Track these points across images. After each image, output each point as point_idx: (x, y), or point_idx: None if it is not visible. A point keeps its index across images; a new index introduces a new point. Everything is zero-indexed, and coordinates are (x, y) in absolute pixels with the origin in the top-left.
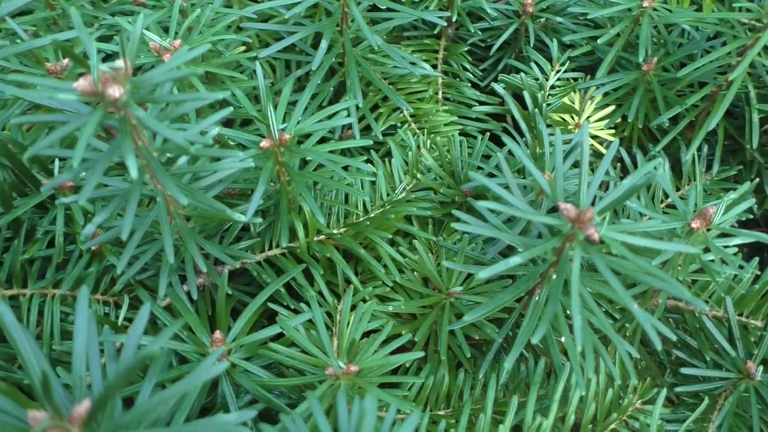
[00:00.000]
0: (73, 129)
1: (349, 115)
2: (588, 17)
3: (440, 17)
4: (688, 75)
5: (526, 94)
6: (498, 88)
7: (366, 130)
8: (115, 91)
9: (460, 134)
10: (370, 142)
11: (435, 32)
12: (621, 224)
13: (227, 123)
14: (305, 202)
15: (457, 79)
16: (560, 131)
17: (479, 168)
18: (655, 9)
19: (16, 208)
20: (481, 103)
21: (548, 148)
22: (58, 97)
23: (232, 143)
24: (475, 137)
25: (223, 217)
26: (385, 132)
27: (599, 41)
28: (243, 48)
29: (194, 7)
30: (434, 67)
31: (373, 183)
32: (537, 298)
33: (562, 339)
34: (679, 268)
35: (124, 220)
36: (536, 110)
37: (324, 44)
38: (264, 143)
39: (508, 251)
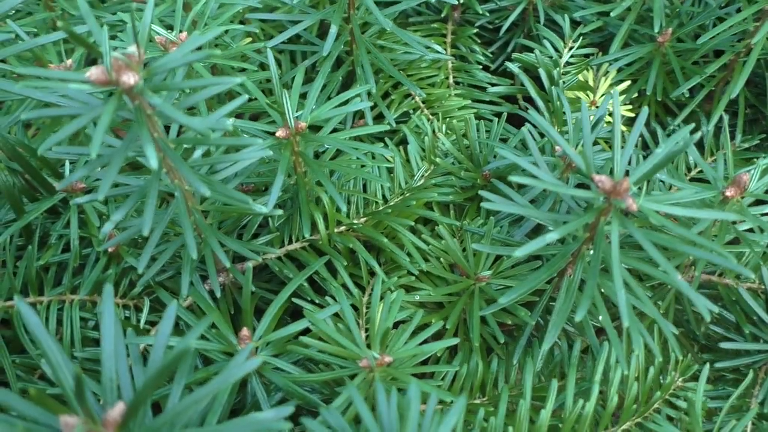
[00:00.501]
0: (87, 120)
1: (363, 117)
2: None
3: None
4: (706, 44)
5: (541, 72)
6: (513, 67)
7: (378, 119)
8: (129, 78)
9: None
10: (387, 128)
11: (441, 16)
12: (654, 195)
13: (236, 116)
14: (325, 192)
15: (467, 62)
16: (575, 110)
17: (497, 147)
18: None
19: (28, 213)
20: (493, 85)
21: (570, 125)
22: (70, 87)
23: (245, 135)
24: (489, 119)
25: (244, 210)
26: (398, 119)
27: (612, 14)
28: (249, 40)
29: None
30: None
31: (390, 171)
32: (571, 277)
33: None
34: (715, 238)
35: (145, 215)
36: (553, 87)
37: (334, 29)
38: (280, 132)
39: (534, 234)
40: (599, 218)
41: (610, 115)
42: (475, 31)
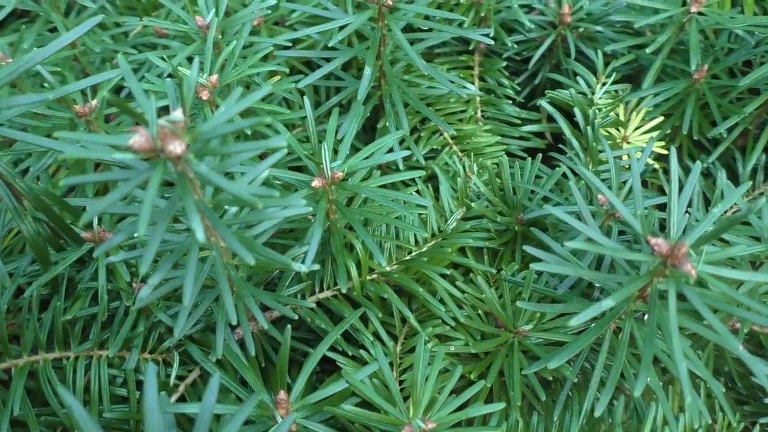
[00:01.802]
0: (131, 188)
1: (392, 150)
2: (633, 27)
3: (483, 35)
4: (747, 83)
5: (576, 111)
6: (546, 105)
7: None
8: (176, 148)
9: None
10: (421, 173)
11: (469, 48)
12: (709, 254)
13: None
14: (359, 241)
15: (492, 95)
16: (633, 159)
17: (532, 192)
18: (701, 13)
19: (55, 265)
20: (523, 121)
21: (613, 169)
22: (115, 157)
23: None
24: (519, 157)
25: (283, 268)
26: (426, 156)
27: (647, 50)
28: (277, 78)
29: (225, 38)
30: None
31: (421, 213)
32: (621, 336)
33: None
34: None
35: (185, 287)
36: (589, 128)
37: (368, 71)
38: (316, 183)
39: (578, 281)
40: (653, 280)
41: (656, 162)
42: (503, 64)
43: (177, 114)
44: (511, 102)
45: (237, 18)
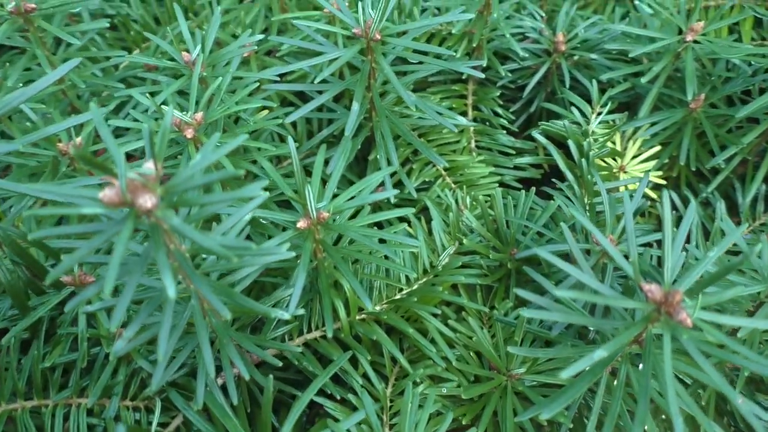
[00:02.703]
0: (101, 242)
1: (382, 184)
2: (629, 56)
3: (473, 67)
4: (742, 112)
5: (571, 144)
6: (540, 137)
7: (397, 186)
8: (146, 202)
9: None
10: (411, 211)
11: (462, 76)
12: (706, 296)
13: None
14: (346, 281)
15: (487, 123)
16: (602, 178)
17: (526, 227)
18: (696, 41)
19: (34, 310)
20: (517, 150)
21: (607, 204)
22: (83, 212)
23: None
24: (513, 187)
25: (264, 315)
26: (419, 187)
27: (642, 80)
28: (266, 112)
29: (214, 71)
30: (464, 113)
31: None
32: (617, 379)
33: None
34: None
35: (160, 343)
36: (584, 160)
37: (356, 106)
38: (301, 223)
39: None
40: (648, 326)
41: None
42: (498, 93)
43: (148, 165)
44: (505, 132)
45: (224, 53)
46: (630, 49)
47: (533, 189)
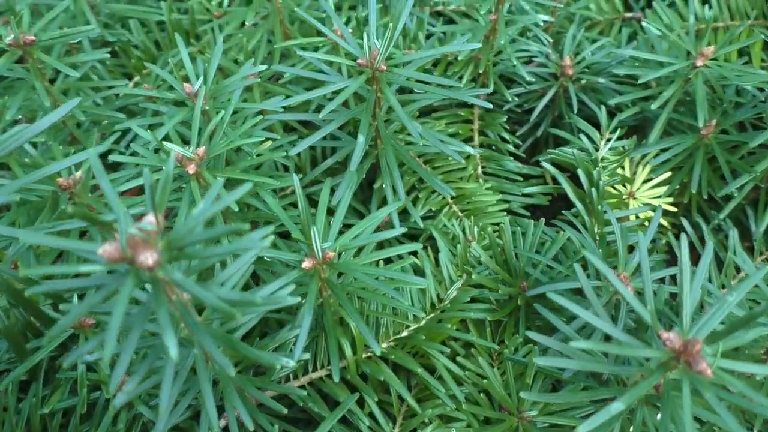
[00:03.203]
0: (101, 299)
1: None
2: (639, 81)
3: (480, 95)
4: (756, 139)
5: (580, 173)
6: (548, 166)
7: (403, 214)
8: (147, 259)
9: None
10: (419, 247)
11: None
12: (725, 340)
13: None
14: (352, 320)
15: (493, 148)
16: (611, 205)
17: (535, 259)
18: (707, 66)
19: (32, 355)
20: (525, 176)
21: (619, 236)
22: (81, 270)
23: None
24: (520, 215)
25: (268, 365)
26: (425, 215)
27: (653, 107)
28: (269, 143)
29: (216, 102)
30: (470, 139)
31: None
32: (633, 424)
33: None
34: None
35: (162, 395)
36: (594, 189)
37: (361, 138)
38: (306, 264)
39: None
40: (666, 374)
41: (652, 207)
42: (504, 118)
43: (149, 219)
44: (512, 158)
45: (227, 85)
46: (639, 74)
47: (542, 220)
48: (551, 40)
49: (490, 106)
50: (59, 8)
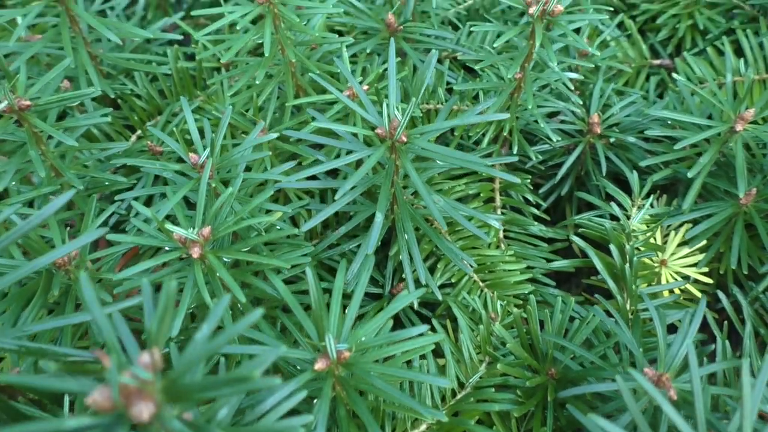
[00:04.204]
0: None
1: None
2: (675, 147)
3: (489, 165)
4: None
5: (612, 248)
6: (577, 240)
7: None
8: (142, 413)
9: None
10: (440, 337)
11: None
12: None
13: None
14: (363, 418)
15: (519, 213)
16: (645, 280)
17: (563, 345)
18: (746, 129)
19: None
20: (549, 241)
21: (658, 321)
22: (67, 427)
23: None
24: (545, 284)
25: None
26: (444, 283)
27: (690, 174)
28: (279, 215)
29: (222, 171)
30: (491, 200)
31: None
32: None
33: None
34: None
35: None
36: (626, 266)
37: (379, 218)
38: (319, 365)
39: None
40: None
41: (684, 277)
42: (528, 179)
43: (144, 362)
44: (534, 222)
45: (235, 156)
46: (677, 136)
47: (572, 301)
48: (578, 95)
49: (517, 180)
50: (59, 68)
